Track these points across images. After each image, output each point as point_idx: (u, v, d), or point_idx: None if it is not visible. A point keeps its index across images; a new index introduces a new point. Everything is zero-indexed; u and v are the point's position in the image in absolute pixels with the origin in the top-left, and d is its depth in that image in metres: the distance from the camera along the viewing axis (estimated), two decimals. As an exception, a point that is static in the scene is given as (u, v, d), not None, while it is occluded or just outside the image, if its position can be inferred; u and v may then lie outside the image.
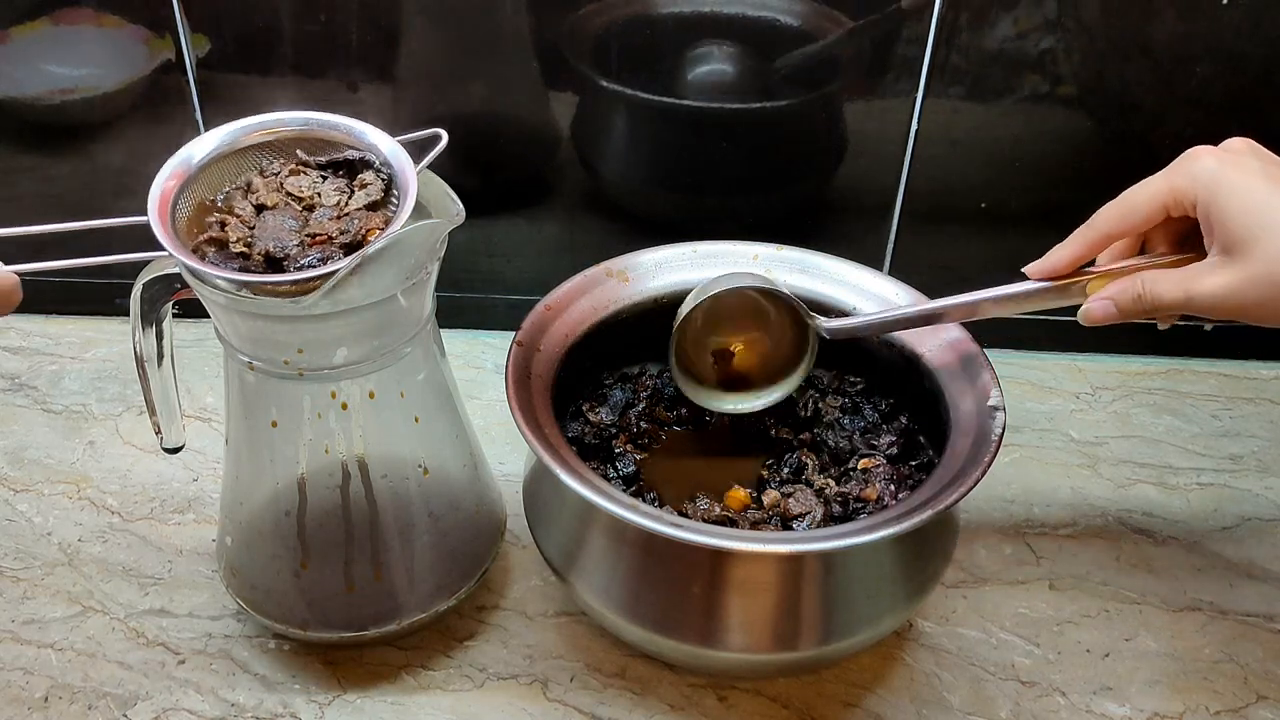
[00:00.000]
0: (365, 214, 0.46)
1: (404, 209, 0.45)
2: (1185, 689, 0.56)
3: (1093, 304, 0.50)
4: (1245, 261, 0.45)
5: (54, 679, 0.55)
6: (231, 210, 0.46)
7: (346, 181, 0.48)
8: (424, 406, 0.53)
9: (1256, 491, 0.68)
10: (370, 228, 0.45)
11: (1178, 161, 0.48)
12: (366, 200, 0.46)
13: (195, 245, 0.45)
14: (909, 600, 0.51)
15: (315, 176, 0.47)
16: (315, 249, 0.44)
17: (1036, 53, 0.68)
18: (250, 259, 0.44)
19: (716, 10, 0.67)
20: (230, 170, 0.47)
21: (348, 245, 0.45)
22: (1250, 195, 0.45)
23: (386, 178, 0.47)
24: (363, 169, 0.48)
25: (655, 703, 0.54)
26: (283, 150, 0.48)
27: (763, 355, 0.58)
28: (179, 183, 0.46)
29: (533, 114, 0.73)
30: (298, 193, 0.47)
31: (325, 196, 0.47)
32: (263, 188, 0.47)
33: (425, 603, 0.54)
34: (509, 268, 0.77)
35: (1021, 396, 0.75)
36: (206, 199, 0.46)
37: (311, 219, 0.46)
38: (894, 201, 0.73)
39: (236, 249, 0.45)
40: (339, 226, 0.45)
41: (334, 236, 0.45)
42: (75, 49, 0.69)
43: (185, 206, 0.46)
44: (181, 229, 0.45)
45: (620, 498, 0.47)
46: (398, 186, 0.46)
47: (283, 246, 0.44)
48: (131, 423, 0.71)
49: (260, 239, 0.45)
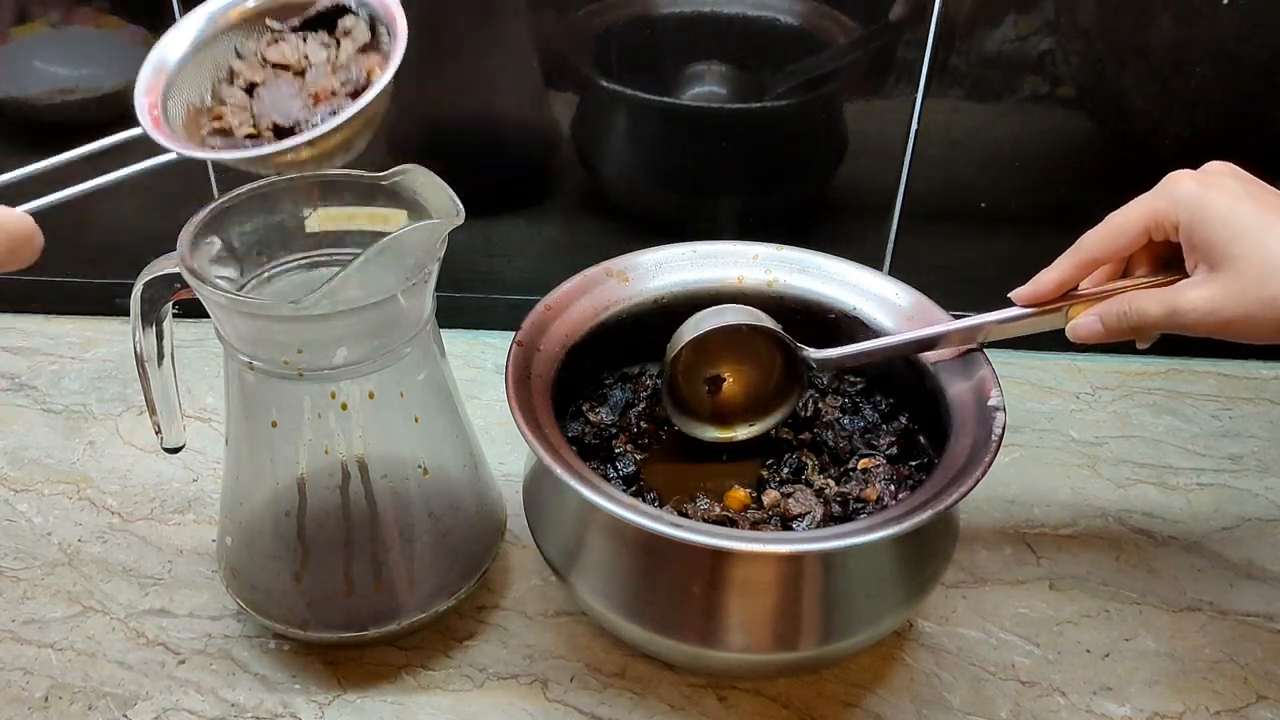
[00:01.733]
0: (360, 57, 0.44)
1: (398, 37, 0.43)
2: (1185, 689, 0.56)
3: (1079, 321, 0.51)
4: (1228, 276, 0.46)
5: (54, 679, 0.55)
6: (223, 101, 0.44)
7: (328, 34, 0.46)
8: (424, 406, 0.53)
9: (1256, 491, 0.68)
10: (369, 68, 0.43)
11: (1159, 186, 0.50)
12: (355, 45, 0.45)
13: (201, 141, 0.43)
14: (909, 600, 0.51)
15: (295, 40, 0.45)
16: (323, 106, 0.43)
17: (1036, 54, 0.68)
18: (261, 138, 0.43)
19: (716, 10, 0.67)
20: (207, 65, 0.45)
21: (353, 92, 0.43)
22: (1231, 214, 0.46)
23: (368, 16, 0.45)
24: (339, 15, 0.46)
25: (655, 703, 0.54)
26: (252, 28, 0.46)
27: (754, 384, 0.58)
28: (162, 87, 0.44)
29: (533, 114, 0.73)
30: (283, 60, 0.45)
31: (313, 55, 0.45)
32: (246, 68, 0.45)
33: (425, 603, 0.54)
34: (509, 268, 0.77)
35: (1021, 396, 0.75)
36: (192, 103, 0.45)
37: (307, 81, 0.44)
38: (894, 201, 0.73)
39: (243, 132, 0.43)
40: (338, 79, 0.44)
41: (336, 90, 0.43)
42: (75, 49, 0.69)
43: (177, 111, 0.44)
44: (180, 134, 0.43)
45: (620, 498, 0.47)
46: (382, 20, 0.45)
47: (288, 114, 0.43)
48: (131, 423, 0.71)
49: (263, 116, 0.43)
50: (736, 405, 0.59)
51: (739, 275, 0.61)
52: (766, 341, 0.57)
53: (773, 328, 0.55)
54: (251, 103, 0.44)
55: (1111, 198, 0.51)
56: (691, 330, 0.55)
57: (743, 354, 0.58)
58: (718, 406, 0.59)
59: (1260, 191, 0.47)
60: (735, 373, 0.58)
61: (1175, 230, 0.48)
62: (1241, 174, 0.49)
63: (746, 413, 0.59)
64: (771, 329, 0.55)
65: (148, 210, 0.49)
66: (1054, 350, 0.79)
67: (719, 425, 0.59)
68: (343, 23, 0.45)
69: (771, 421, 0.58)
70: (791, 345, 0.56)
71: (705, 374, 0.58)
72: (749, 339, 0.57)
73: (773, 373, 0.58)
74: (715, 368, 0.58)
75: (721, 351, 0.58)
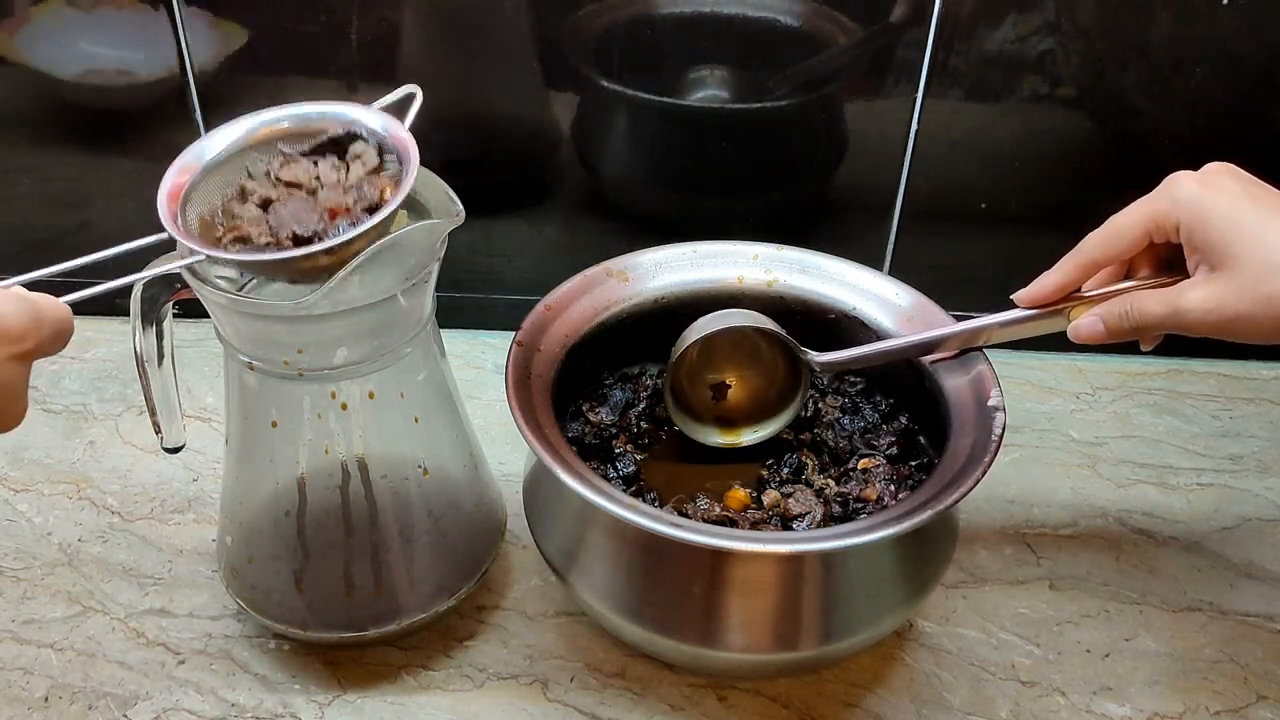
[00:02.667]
0: (371, 178, 0.46)
1: (410, 164, 0.45)
2: (1185, 689, 0.56)
3: (1081, 322, 0.51)
4: (1230, 275, 0.46)
5: (54, 679, 0.55)
6: (235, 215, 0.46)
7: (337, 159, 0.48)
8: (424, 406, 0.53)
9: (1256, 491, 0.68)
10: (382, 187, 0.45)
11: (1159, 187, 0.50)
12: (365, 169, 0.47)
13: (219, 247, 0.45)
14: (909, 600, 0.51)
15: (307, 163, 0.47)
16: (342, 219, 0.45)
17: (1036, 54, 0.68)
18: (281, 245, 0.44)
19: (716, 10, 0.67)
20: (219, 182, 0.47)
21: (369, 209, 0.45)
22: (1232, 213, 0.47)
23: (377, 144, 0.47)
24: (350, 142, 0.48)
25: (655, 703, 0.54)
26: (263, 150, 0.48)
27: (758, 389, 0.58)
28: (184, 191, 0.46)
29: (533, 114, 0.73)
30: (296, 180, 0.47)
31: (325, 176, 0.47)
32: (259, 186, 0.47)
33: (425, 603, 0.54)
34: (509, 268, 0.77)
35: (1021, 396, 0.75)
36: (205, 214, 0.47)
37: (319, 199, 0.46)
38: (894, 201, 0.73)
39: (262, 241, 0.45)
40: (352, 196, 0.45)
41: (351, 206, 0.45)
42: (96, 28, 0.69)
43: (192, 220, 0.46)
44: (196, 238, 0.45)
45: (620, 498, 0.47)
46: (392, 149, 0.47)
47: (307, 227, 0.44)
48: (131, 423, 0.71)
49: (280, 227, 0.45)
50: (740, 410, 0.59)
51: (739, 275, 0.61)
52: (770, 345, 0.57)
53: (776, 331, 0.55)
54: (267, 217, 0.46)
55: (1111, 198, 0.52)
56: (695, 333, 0.55)
57: (746, 359, 0.58)
58: (722, 411, 0.59)
59: (1260, 191, 0.48)
60: (739, 378, 0.58)
61: (1176, 231, 0.48)
62: (1241, 174, 0.49)
63: (750, 417, 0.59)
64: (775, 332, 0.55)
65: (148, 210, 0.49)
66: (1054, 350, 0.78)
67: (723, 429, 0.59)
68: (353, 148, 0.47)
69: (775, 426, 0.58)
70: (794, 349, 0.56)
71: (709, 379, 0.58)
72: (752, 343, 0.57)
73: (776, 377, 0.58)
74: (719, 373, 0.58)
75: (725, 356, 0.58)
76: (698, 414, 0.59)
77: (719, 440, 0.58)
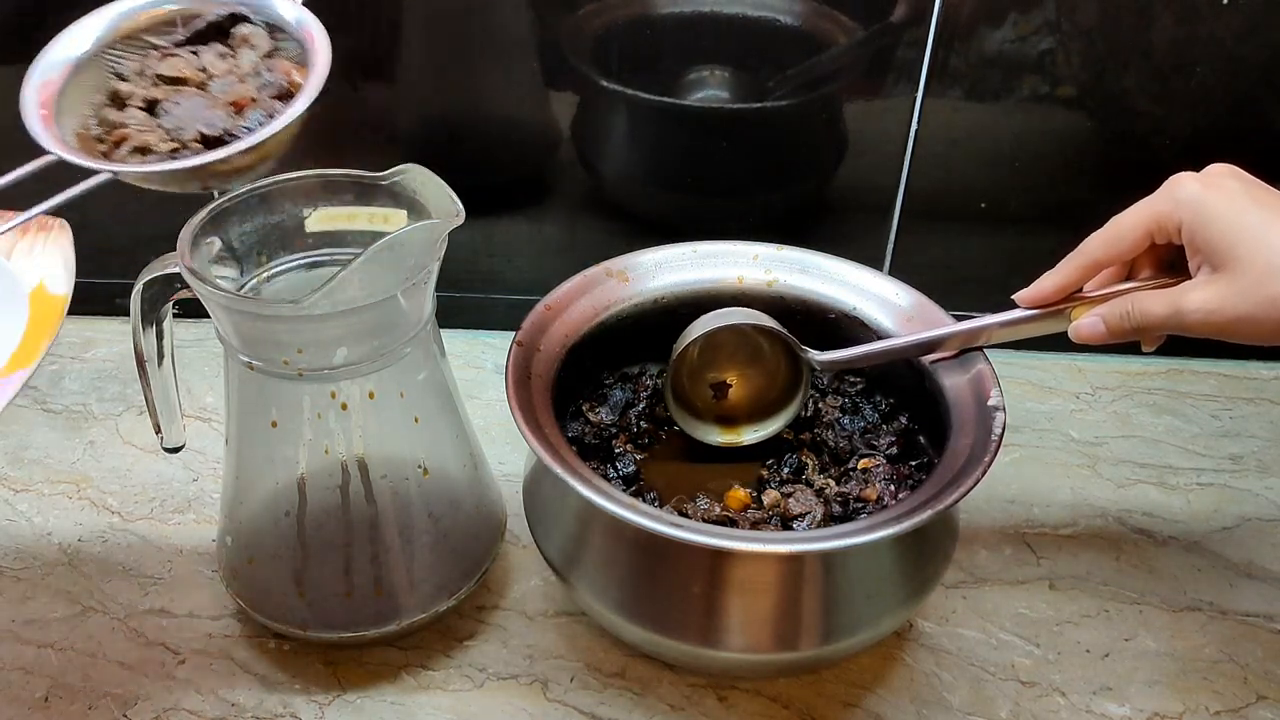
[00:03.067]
0: (269, 62, 0.41)
1: (315, 41, 0.40)
2: (1185, 689, 0.56)
3: (1082, 322, 0.51)
4: (1232, 276, 0.46)
5: (54, 679, 0.55)
6: (114, 123, 0.40)
7: (222, 45, 0.42)
8: (424, 406, 0.53)
9: (1256, 491, 0.68)
10: (286, 70, 0.40)
11: (1161, 188, 0.50)
12: (259, 54, 0.42)
13: (120, 160, 0.39)
14: (909, 600, 0.51)
15: (187, 54, 0.42)
16: (251, 111, 0.40)
17: (1036, 54, 0.68)
18: (187, 148, 0.39)
19: (716, 10, 0.67)
20: (83, 88, 0.41)
21: (278, 96, 0.40)
22: (1234, 214, 0.47)
23: (264, 23, 0.42)
24: (232, 24, 0.42)
25: (655, 703, 0.54)
26: (129, 47, 0.42)
27: (759, 388, 0.58)
28: (50, 106, 0.40)
29: (533, 114, 0.73)
30: (180, 74, 0.41)
31: (212, 67, 0.41)
32: (135, 88, 0.41)
33: (425, 603, 0.54)
34: (509, 268, 0.77)
35: (1021, 396, 0.75)
36: (77, 128, 0.40)
37: (214, 91, 0.41)
38: (894, 201, 0.73)
39: (163, 147, 0.39)
40: (254, 85, 0.40)
41: (257, 96, 0.40)
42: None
43: (68, 136, 0.40)
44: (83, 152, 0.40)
45: (620, 498, 0.47)
46: (286, 26, 0.42)
47: (214, 125, 0.39)
48: (131, 423, 0.71)
49: (182, 129, 0.40)
50: (741, 409, 0.59)
51: (739, 275, 0.61)
52: (771, 344, 0.57)
53: (777, 329, 0.55)
54: (158, 120, 0.40)
55: (1112, 198, 0.52)
56: (697, 331, 0.55)
57: (747, 358, 0.58)
58: (722, 410, 0.59)
59: (1262, 192, 0.48)
60: (740, 377, 0.58)
61: (1178, 232, 0.48)
62: (1243, 175, 0.49)
63: (751, 416, 0.59)
64: (776, 330, 0.55)
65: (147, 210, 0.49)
66: (1054, 350, 0.78)
67: (723, 428, 0.59)
68: (238, 31, 0.42)
69: (776, 425, 0.58)
70: (795, 347, 0.56)
71: (710, 378, 0.58)
72: (753, 342, 0.57)
73: (777, 376, 0.58)
74: (720, 372, 0.58)
75: (726, 355, 0.58)
76: (698, 413, 0.59)
77: (719, 439, 0.58)
